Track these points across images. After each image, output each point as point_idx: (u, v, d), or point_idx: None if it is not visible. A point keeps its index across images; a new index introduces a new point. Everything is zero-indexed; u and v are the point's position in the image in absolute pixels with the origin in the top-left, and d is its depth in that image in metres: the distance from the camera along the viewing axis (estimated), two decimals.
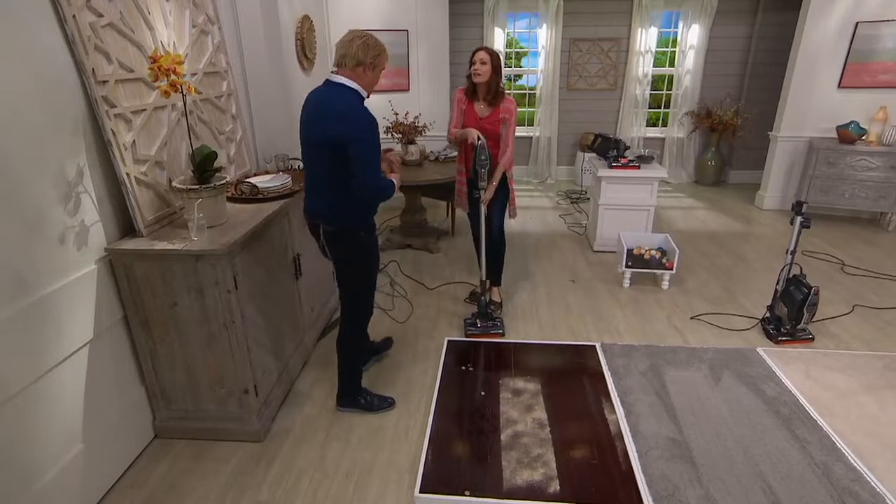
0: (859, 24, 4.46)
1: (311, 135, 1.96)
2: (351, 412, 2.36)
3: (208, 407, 2.14)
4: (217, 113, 2.60)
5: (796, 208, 2.79)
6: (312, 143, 1.98)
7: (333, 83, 1.94)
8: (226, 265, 1.89)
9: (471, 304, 3.26)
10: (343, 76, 1.93)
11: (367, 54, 1.92)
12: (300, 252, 2.63)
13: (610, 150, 4.07)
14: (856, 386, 2.40)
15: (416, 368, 2.67)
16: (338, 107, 1.89)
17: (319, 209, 2.06)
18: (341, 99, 1.91)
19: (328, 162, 1.92)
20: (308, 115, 1.97)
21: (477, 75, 2.70)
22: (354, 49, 1.91)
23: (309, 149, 2.00)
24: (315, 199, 2.07)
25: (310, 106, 1.99)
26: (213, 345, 2.01)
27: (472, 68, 2.72)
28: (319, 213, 2.06)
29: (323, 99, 1.94)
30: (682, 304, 3.29)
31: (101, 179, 1.86)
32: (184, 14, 2.34)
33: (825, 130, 4.79)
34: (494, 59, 2.71)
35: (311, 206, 2.10)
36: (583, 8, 5.91)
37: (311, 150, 2.00)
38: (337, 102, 1.90)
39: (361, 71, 1.93)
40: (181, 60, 1.75)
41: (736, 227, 4.77)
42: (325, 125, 1.89)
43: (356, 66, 1.92)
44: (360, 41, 1.92)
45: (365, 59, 1.92)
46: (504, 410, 2.27)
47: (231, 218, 2.18)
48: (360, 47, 1.91)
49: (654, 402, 2.29)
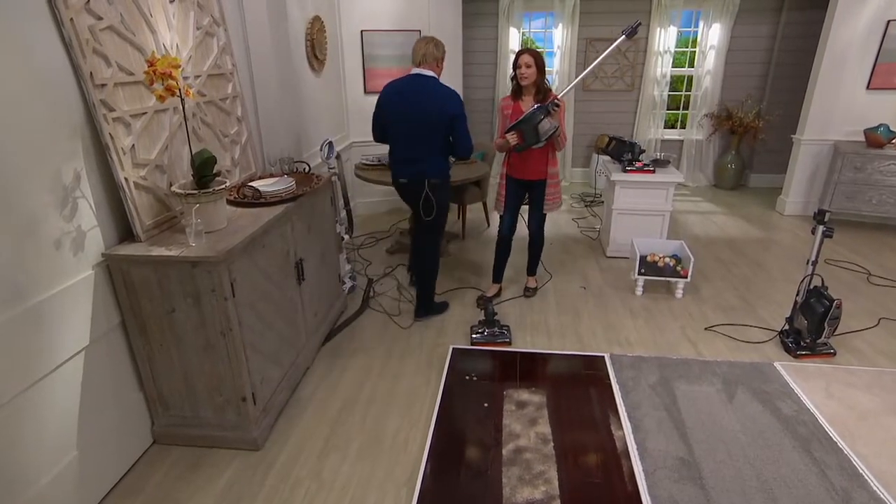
0: (891, 23, 4.27)
1: (426, 113, 2.59)
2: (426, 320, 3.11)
3: (206, 414, 2.12)
4: (222, 115, 2.58)
5: (818, 217, 2.66)
6: (425, 120, 2.61)
7: (424, 75, 2.62)
8: (222, 272, 1.86)
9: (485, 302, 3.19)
10: (428, 69, 2.63)
11: (439, 51, 2.65)
12: (303, 257, 2.60)
13: (624, 153, 3.96)
14: (880, 406, 2.28)
15: (419, 377, 2.62)
16: (442, 91, 2.61)
17: (426, 169, 2.72)
18: (439, 86, 2.63)
19: (440, 132, 2.63)
20: (409, 99, 2.61)
21: (524, 78, 2.82)
22: (431, 49, 2.61)
23: (418, 125, 2.63)
24: (419, 163, 2.72)
25: (407, 93, 2.63)
26: (211, 352, 1.99)
27: (518, 71, 2.82)
28: (426, 172, 2.72)
29: (423, 87, 2.60)
30: (696, 313, 3.18)
31: (99, 184, 1.84)
32: (188, 16, 2.32)
33: (851, 133, 4.61)
34: (538, 60, 2.82)
35: (415, 169, 2.74)
36: (599, 7, 5.79)
37: (421, 125, 2.62)
38: (438, 88, 2.62)
39: (434, 65, 2.65)
40: (178, 64, 1.73)
41: (755, 233, 4.62)
42: (439, 105, 2.58)
43: (434, 61, 2.63)
44: (433, 43, 2.64)
45: (439, 55, 2.65)
46: (507, 423, 2.21)
47: (232, 223, 2.16)
48: (435, 47, 2.63)
49: (664, 419, 2.20)
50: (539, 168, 2.99)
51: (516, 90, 2.92)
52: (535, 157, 2.95)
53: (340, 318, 3.20)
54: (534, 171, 3.00)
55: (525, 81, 2.81)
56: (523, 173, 3.01)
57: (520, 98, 2.92)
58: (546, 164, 3.00)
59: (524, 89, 2.88)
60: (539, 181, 3.03)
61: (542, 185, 3.04)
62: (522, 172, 3.01)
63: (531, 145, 2.80)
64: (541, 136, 2.72)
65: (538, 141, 2.75)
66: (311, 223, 2.72)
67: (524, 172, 3.01)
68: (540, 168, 2.99)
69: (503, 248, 3.24)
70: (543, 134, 2.72)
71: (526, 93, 2.89)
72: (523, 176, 3.02)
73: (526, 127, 2.73)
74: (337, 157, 3.46)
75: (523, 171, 3.01)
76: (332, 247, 3.09)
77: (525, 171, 3.00)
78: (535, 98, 2.87)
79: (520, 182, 3.05)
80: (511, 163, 3.03)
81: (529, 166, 2.98)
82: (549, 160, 2.99)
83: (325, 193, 2.94)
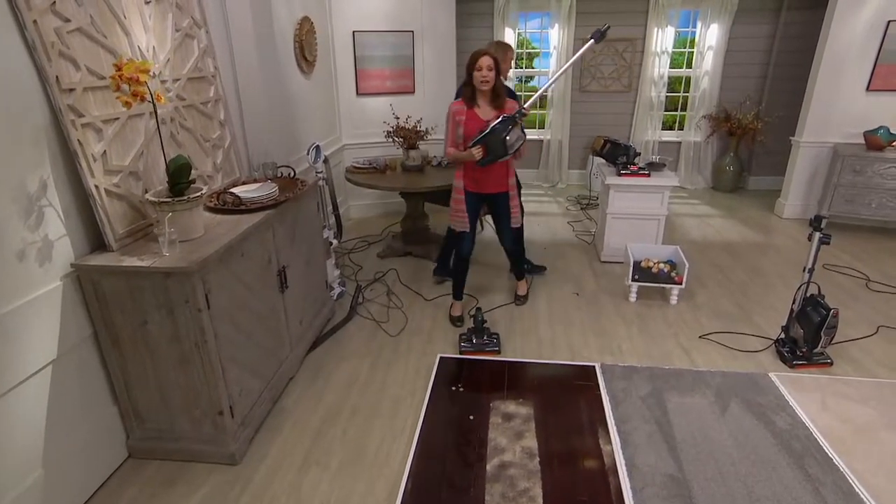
0: (891, 23, 4.19)
1: None
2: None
3: (183, 427, 2.06)
4: (203, 119, 2.52)
5: (815, 223, 2.60)
6: None
7: None
8: (196, 283, 1.80)
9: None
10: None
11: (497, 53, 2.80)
12: (286, 264, 2.54)
13: (619, 156, 3.89)
14: (877, 420, 2.21)
15: (405, 387, 2.55)
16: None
17: None
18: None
19: None
20: None
21: (486, 83, 2.62)
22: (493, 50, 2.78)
23: None
24: None
25: None
26: (186, 365, 1.93)
27: (479, 74, 2.62)
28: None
29: None
30: (690, 321, 3.12)
31: (68, 192, 1.78)
32: (166, 18, 2.26)
33: (851, 136, 4.53)
34: (496, 62, 2.64)
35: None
36: (596, 7, 5.72)
37: None
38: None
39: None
40: (147, 68, 1.66)
41: (753, 237, 4.55)
42: None
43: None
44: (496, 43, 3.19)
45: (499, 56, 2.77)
46: (492, 437, 2.14)
47: (210, 230, 2.09)
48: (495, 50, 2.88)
49: (654, 433, 2.13)
50: (502, 180, 2.82)
51: (470, 95, 2.71)
52: (497, 168, 2.75)
53: (328, 325, 3.14)
54: (497, 183, 2.81)
55: (486, 86, 2.61)
56: (485, 186, 2.82)
57: (474, 104, 2.71)
58: (508, 176, 2.83)
59: (479, 94, 2.68)
60: (501, 194, 2.86)
61: (505, 197, 2.87)
62: (485, 186, 2.81)
63: (498, 158, 2.61)
64: (509, 149, 2.55)
65: (505, 153, 2.58)
66: (295, 229, 2.66)
67: (486, 185, 2.81)
68: (502, 180, 2.82)
69: (463, 267, 3.05)
70: (511, 147, 2.55)
71: (481, 97, 2.69)
72: (485, 189, 2.83)
73: (492, 139, 2.54)
74: (325, 160, 3.40)
75: (486, 185, 2.81)
76: (318, 253, 3.03)
77: (487, 184, 2.81)
78: (491, 103, 2.69)
79: (480, 196, 2.86)
80: (471, 176, 2.80)
81: (492, 179, 2.79)
82: (509, 171, 2.83)
83: (310, 199, 2.88)
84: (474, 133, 2.65)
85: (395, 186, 3.80)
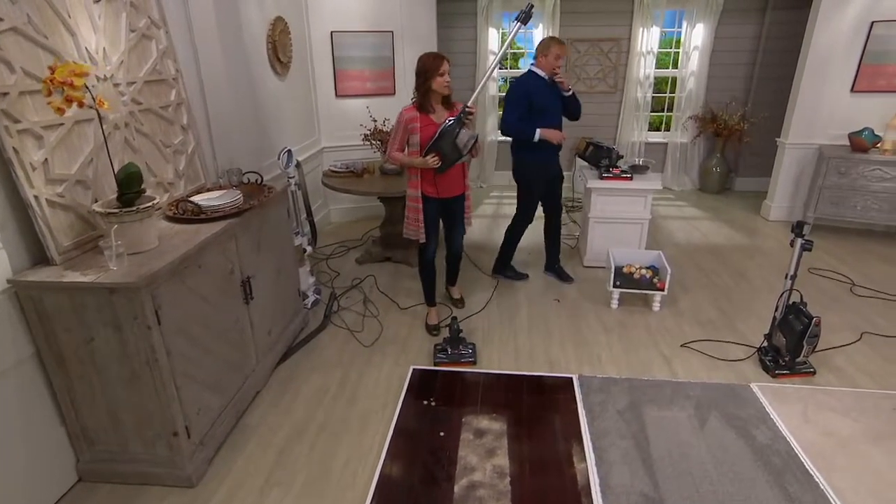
0: (875, 24, 4.15)
1: None
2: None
3: (136, 449, 1.95)
4: (163, 124, 2.41)
5: (797, 230, 2.53)
6: None
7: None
8: (144, 298, 1.70)
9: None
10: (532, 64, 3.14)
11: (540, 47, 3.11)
12: (252, 274, 2.44)
13: (602, 159, 3.82)
14: (860, 433, 2.14)
15: (376, 400, 2.46)
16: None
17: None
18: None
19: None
20: None
21: (447, 87, 2.58)
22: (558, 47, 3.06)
23: None
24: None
25: None
26: (137, 383, 1.83)
27: (442, 80, 2.57)
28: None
29: None
30: (673, 328, 3.05)
31: (6, 203, 1.68)
32: (118, 17, 2.15)
33: (836, 137, 4.49)
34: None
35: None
36: (581, 7, 5.65)
37: None
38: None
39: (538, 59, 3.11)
40: (83, 72, 1.56)
41: (739, 239, 4.49)
42: None
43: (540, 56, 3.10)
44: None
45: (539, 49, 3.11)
46: (463, 455, 2.06)
47: (165, 241, 1.99)
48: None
49: (630, 449, 2.06)
50: (460, 182, 2.79)
51: (425, 101, 2.62)
52: (456, 170, 2.72)
53: (301, 335, 3.04)
54: (456, 185, 2.78)
55: (448, 90, 2.57)
56: (446, 190, 2.75)
57: (429, 110, 2.64)
58: (465, 176, 2.82)
59: (434, 99, 2.62)
60: (460, 196, 2.84)
61: (462, 199, 2.86)
62: (445, 190, 2.74)
63: (454, 162, 2.56)
64: (462, 151, 2.50)
65: (460, 156, 2.53)
66: (261, 238, 2.55)
67: (447, 190, 2.75)
68: (461, 182, 2.79)
69: (430, 272, 3.01)
70: (464, 147, 2.50)
71: (435, 102, 2.64)
72: (446, 194, 2.76)
73: (444, 143, 2.49)
74: (297, 165, 3.31)
75: (446, 189, 2.74)
76: (289, 261, 2.93)
77: (449, 188, 2.75)
78: (444, 107, 2.65)
79: (440, 201, 2.78)
80: (431, 182, 2.72)
81: (452, 182, 2.74)
82: (465, 171, 2.81)
83: (279, 205, 2.78)
84: (430, 139, 2.60)
85: (371, 191, 3.71)
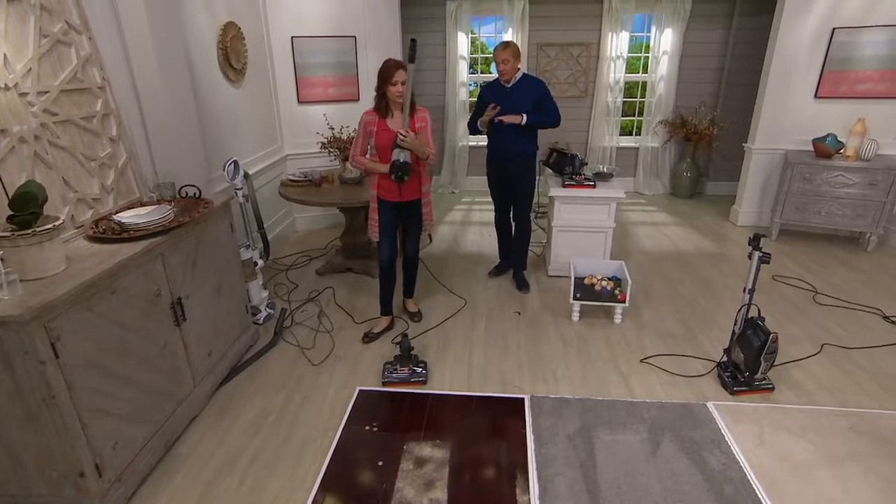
0: (836, 31, 4.13)
1: None
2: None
3: (40, 492, 1.80)
4: (86, 136, 2.26)
5: (754, 243, 2.46)
6: None
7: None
8: (35, 331, 1.55)
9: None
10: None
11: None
12: (186, 294, 2.29)
13: (566, 166, 3.74)
14: (815, 456, 2.07)
15: (317, 426, 2.33)
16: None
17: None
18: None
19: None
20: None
21: (401, 96, 2.60)
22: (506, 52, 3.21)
23: None
24: None
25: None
26: (34, 422, 1.67)
27: (395, 89, 2.61)
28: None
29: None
30: (633, 342, 2.96)
31: None
32: (26, 22, 1.99)
33: (802, 143, 4.47)
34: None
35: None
36: (550, 11, 5.59)
37: None
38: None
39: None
40: None
41: (707, 246, 4.44)
42: None
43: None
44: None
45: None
46: (399, 487, 1.94)
47: (75, 265, 1.84)
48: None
49: (577, 479, 1.95)
50: (413, 188, 2.86)
51: (383, 106, 2.69)
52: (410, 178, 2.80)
53: (249, 353, 2.90)
54: (409, 191, 2.85)
55: (401, 99, 2.61)
56: (399, 195, 2.83)
57: (387, 114, 2.71)
58: (420, 184, 2.89)
59: (393, 105, 2.69)
60: (415, 201, 2.91)
61: (418, 204, 2.93)
62: (398, 194, 2.82)
63: (405, 176, 2.64)
64: (408, 170, 2.63)
65: (408, 172, 2.63)
66: (197, 255, 2.41)
67: (400, 194, 2.83)
68: (414, 188, 2.86)
69: (387, 277, 3.01)
70: (410, 167, 2.64)
71: (394, 107, 2.70)
72: (399, 198, 2.84)
73: (392, 165, 2.64)
74: (245, 176, 3.16)
75: (399, 193, 2.82)
76: (234, 277, 2.78)
77: (401, 192, 2.82)
78: (402, 114, 2.64)
79: (394, 204, 2.88)
80: (385, 186, 2.82)
81: (405, 187, 2.80)
82: (422, 179, 2.88)
83: (220, 219, 2.63)
84: (386, 143, 2.69)
85: (328, 201, 3.57)
